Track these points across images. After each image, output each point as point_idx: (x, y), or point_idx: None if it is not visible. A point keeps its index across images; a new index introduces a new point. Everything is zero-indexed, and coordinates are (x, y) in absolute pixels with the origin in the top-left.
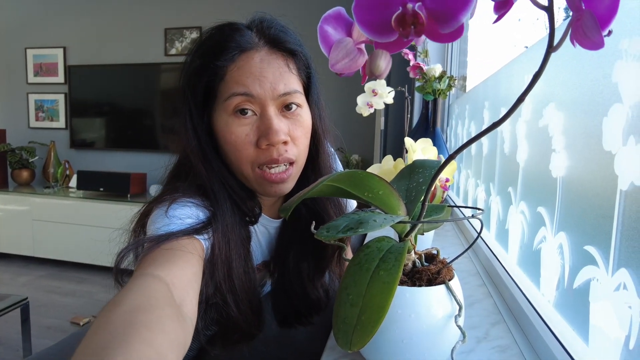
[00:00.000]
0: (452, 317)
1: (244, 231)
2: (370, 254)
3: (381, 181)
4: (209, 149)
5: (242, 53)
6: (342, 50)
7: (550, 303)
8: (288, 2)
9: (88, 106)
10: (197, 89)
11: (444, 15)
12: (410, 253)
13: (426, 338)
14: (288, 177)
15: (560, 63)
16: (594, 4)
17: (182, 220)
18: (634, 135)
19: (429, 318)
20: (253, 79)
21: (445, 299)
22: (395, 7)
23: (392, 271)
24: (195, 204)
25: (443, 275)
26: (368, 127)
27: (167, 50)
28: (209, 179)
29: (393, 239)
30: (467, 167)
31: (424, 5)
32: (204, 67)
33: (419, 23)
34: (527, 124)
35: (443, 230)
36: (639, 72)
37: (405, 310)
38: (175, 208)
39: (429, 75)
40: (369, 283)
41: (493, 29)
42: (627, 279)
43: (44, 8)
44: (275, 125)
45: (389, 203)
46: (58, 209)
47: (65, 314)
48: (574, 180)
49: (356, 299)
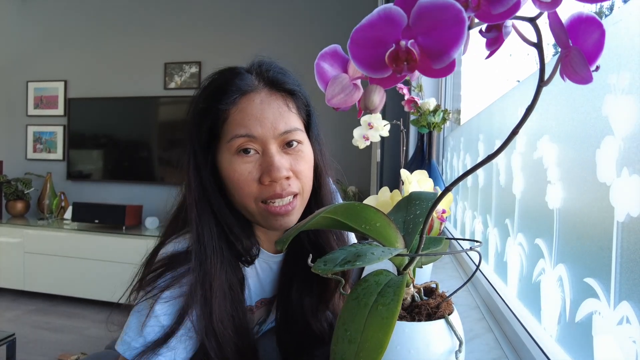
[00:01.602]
0: (453, 352)
1: (234, 275)
2: (368, 288)
3: (378, 213)
4: (212, 187)
5: (243, 96)
6: (338, 86)
7: (553, 337)
8: (286, 37)
9: (86, 138)
10: (202, 130)
11: (436, 51)
12: (409, 287)
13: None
14: (293, 209)
15: (552, 96)
16: (580, 42)
17: (159, 319)
18: (627, 166)
19: (429, 354)
20: (254, 120)
21: (445, 333)
22: (389, 45)
23: (390, 306)
24: (179, 279)
25: (442, 309)
26: (365, 159)
27: (166, 84)
28: (199, 224)
29: (391, 273)
30: (463, 199)
31: (417, 42)
32: (208, 110)
33: (412, 60)
34: (522, 155)
35: (441, 263)
36: (627, 105)
37: (405, 346)
38: (153, 315)
39: (423, 108)
40: (367, 318)
41: (486, 64)
42: (630, 312)
43: (46, 42)
44: (276, 162)
45: (386, 235)
46: (51, 241)
47: (53, 350)
48: (571, 211)
49: (354, 335)
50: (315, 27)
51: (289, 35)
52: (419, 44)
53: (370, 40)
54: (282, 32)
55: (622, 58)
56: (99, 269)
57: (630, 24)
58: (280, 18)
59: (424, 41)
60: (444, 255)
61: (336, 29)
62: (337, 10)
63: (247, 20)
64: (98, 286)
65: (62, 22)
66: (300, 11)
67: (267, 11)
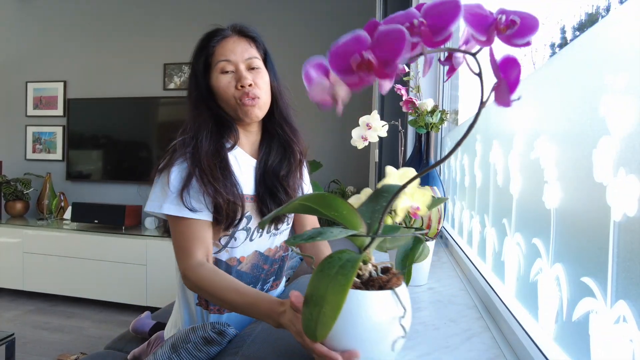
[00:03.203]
0: (397, 318)
1: (219, 146)
2: (331, 262)
3: (345, 203)
4: (208, 94)
5: (223, 39)
6: (319, 87)
7: (550, 336)
8: (285, 37)
9: (86, 138)
10: (199, 61)
11: (387, 60)
12: (367, 265)
13: (375, 333)
14: (256, 103)
15: (550, 97)
16: (507, 75)
17: (174, 184)
18: (624, 166)
19: (377, 318)
20: (230, 52)
21: (392, 302)
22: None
23: (347, 275)
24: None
25: (392, 283)
26: (363, 159)
27: (165, 84)
28: (196, 115)
29: (353, 252)
30: (461, 199)
31: (374, 54)
32: (203, 49)
33: (371, 66)
34: (519, 156)
35: (439, 263)
36: (624, 105)
37: (358, 310)
38: (171, 176)
39: (421, 109)
40: (329, 286)
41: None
42: (627, 312)
43: (46, 42)
44: (244, 75)
45: (351, 221)
46: (50, 241)
47: (52, 350)
48: (568, 211)
49: (318, 298)
50: (314, 28)
51: (288, 36)
52: (375, 55)
53: (343, 53)
54: (281, 32)
55: (618, 59)
56: (98, 269)
57: (626, 25)
58: (279, 18)
59: (379, 53)
60: (442, 256)
61: (335, 31)
62: (336, 14)
63: (246, 20)
64: (97, 286)
65: (61, 23)
66: (299, 12)
67: (267, 12)
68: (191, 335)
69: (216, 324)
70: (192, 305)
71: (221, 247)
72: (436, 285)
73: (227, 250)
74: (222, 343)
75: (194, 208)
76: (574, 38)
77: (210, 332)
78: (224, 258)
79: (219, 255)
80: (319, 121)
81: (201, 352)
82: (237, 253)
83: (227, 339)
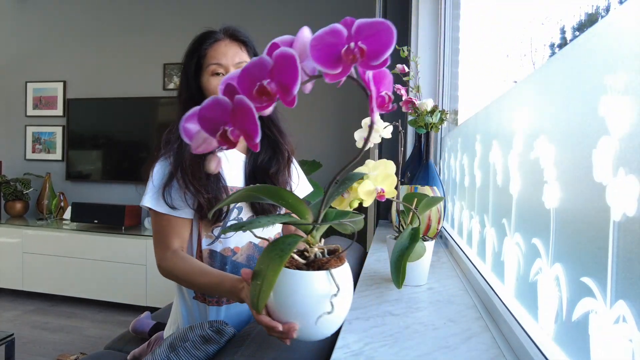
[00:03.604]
0: (330, 296)
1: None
2: (277, 244)
3: (291, 193)
4: (198, 94)
5: (215, 42)
6: (200, 139)
7: (550, 336)
8: None
9: (85, 138)
10: (191, 62)
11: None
12: (313, 247)
13: (309, 307)
14: None
15: (550, 97)
16: (379, 87)
17: (157, 180)
18: (624, 166)
19: (311, 294)
20: (221, 55)
21: (326, 282)
22: (341, 47)
23: (283, 256)
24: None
25: (330, 264)
26: (363, 160)
27: (165, 84)
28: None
29: (299, 236)
30: (461, 199)
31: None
32: (195, 50)
33: (359, 56)
34: (519, 156)
35: (439, 263)
36: (624, 105)
37: (298, 286)
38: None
39: (421, 109)
40: (270, 263)
41: (482, 65)
42: (626, 312)
43: (45, 43)
44: None
45: (298, 208)
46: (50, 241)
47: (52, 351)
48: (567, 211)
49: (260, 275)
50: (311, 28)
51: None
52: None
53: (325, 46)
54: (280, 33)
55: (617, 59)
56: (98, 269)
57: (625, 25)
58: (279, 19)
59: (366, 43)
60: (442, 256)
61: None
62: (334, 14)
63: (246, 20)
64: (97, 286)
65: (61, 23)
66: (298, 12)
67: (266, 12)
68: (189, 334)
69: (214, 322)
70: (189, 300)
71: (214, 238)
72: (436, 285)
73: (221, 240)
74: (220, 342)
75: (174, 206)
76: (573, 38)
77: (208, 331)
78: (218, 249)
79: (213, 246)
80: (319, 121)
81: (199, 350)
82: (231, 243)
83: (226, 338)
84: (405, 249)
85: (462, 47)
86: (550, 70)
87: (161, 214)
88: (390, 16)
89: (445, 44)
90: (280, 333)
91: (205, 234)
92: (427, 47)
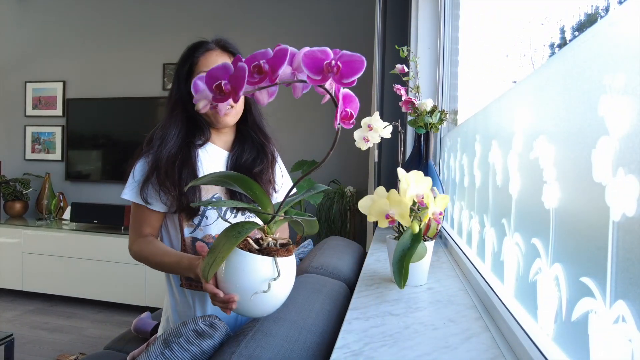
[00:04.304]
0: (270, 279)
1: (186, 143)
2: (235, 228)
3: (257, 184)
4: (188, 98)
5: (207, 51)
6: (204, 93)
7: (549, 336)
8: (284, 37)
9: (85, 138)
10: (184, 68)
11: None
12: (268, 237)
13: (250, 284)
14: (229, 114)
15: (549, 98)
16: (346, 105)
17: (136, 178)
18: (623, 166)
19: (254, 275)
20: (212, 63)
21: (270, 266)
22: (325, 61)
23: (238, 238)
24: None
25: (277, 253)
26: (363, 160)
27: (164, 84)
28: (171, 116)
29: (257, 224)
30: (460, 199)
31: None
32: (188, 57)
33: (335, 71)
34: (518, 156)
35: (439, 263)
36: (623, 105)
37: (245, 265)
38: (136, 169)
39: (420, 109)
40: (225, 243)
41: (482, 65)
42: (626, 312)
43: (45, 43)
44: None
45: (262, 200)
46: (50, 241)
47: (51, 351)
48: (567, 211)
49: (215, 250)
50: (311, 28)
51: (287, 36)
52: (338, 65)
53: (314, 58)
54: (280, 33)
55: (617, 59)
56: (97, 269)
57: (625, 25)
58: (278, 19)
59: (343, 64)
60: (442, 257)
61: (331, 32)
62: (334, 15)
63: (245, 20)
64: (97, 286)
65: (60, 23)
66: (297, 12)
67: (265, 12)
68: (182, 329)
69: (207, 317)
70: (175, 288)
71: (195, 226)
72: (435, 285)
73: (201, 228)
74: (213, 336)
75: (149, 201)
76: (573, 38)
77: (201, 325)
78: (199, 236)
79: (195, 234)
80: (319, 122)
81: (193, 345)
82: (212, 230)
83: (219, 332)
84: (407, 249)
85: (461, 47)
86: (550, 70)
87: (137, 205)
88: (390, 16)
89: (445, 44)
90: (222, 301)
91: (186, 224)
92: (427, 47)
